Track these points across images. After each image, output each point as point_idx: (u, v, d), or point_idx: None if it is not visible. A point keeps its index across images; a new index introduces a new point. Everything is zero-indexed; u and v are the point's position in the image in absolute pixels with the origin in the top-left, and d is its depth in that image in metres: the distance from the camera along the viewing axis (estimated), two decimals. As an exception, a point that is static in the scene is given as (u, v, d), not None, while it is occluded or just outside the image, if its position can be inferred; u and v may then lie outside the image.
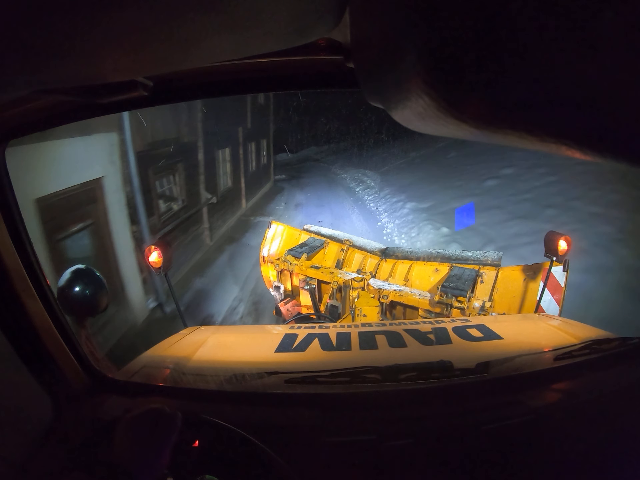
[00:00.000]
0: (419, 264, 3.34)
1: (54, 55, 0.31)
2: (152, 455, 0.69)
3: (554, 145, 0.19)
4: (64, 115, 0.87)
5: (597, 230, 4.98)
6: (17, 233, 0.95)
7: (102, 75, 0.44)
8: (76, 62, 0.34)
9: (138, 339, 4.46)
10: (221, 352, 1.51)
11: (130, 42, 0.32)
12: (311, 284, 3.39)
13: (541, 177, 7.45)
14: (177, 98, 0.96)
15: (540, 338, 1.48)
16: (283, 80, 0.90)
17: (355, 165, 17.62)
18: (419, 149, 14.97)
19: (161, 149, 5.88)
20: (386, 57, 0.27)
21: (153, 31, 0.31)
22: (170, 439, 0.72)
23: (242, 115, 11.26)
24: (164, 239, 5.52)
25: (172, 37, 0.33)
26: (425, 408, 1.00)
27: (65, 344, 1.04)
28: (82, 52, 0.32)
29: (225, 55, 0.48)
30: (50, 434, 0.97)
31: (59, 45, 0.30)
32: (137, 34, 0.30)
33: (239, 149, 10.91)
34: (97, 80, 0.47)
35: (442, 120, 0.23)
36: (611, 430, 0.93)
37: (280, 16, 0.34)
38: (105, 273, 3.83)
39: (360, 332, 1.51)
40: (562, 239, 2.14)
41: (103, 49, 0.32)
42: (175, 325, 4.04)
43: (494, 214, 6.72)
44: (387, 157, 16.59)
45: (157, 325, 5.03)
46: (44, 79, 0.40)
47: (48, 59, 0.32)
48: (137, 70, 0.52)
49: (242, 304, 5.28)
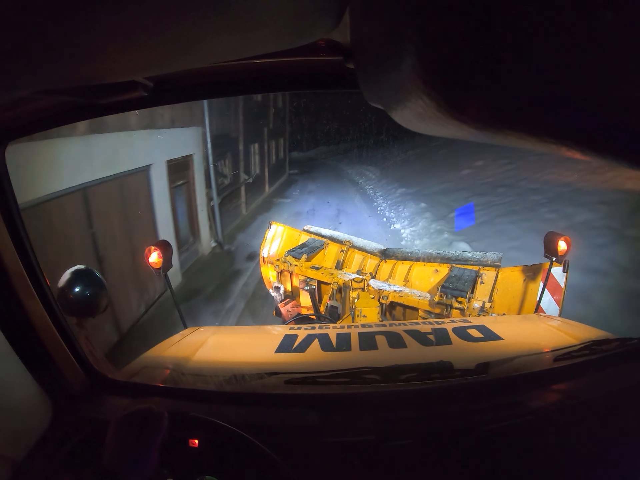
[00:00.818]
0: (418, 264, 3.34)
1: (55, 55, 0.31)
2: (139, 456, 0.69)
3: (554, 146, 0.19)
4: (64, 115, 0.87)
5: (531, 198, 7.31)
6: (17, 233, 0.95)
7: (102, 76, 0.44)
8: (76, 63, 0.34)
9: (204, 263, 7.34)
10: (221, 353, 1.51)
11: (130, 42, 0.32)
12: (311, 285, 3.39)
13: (502, 166, 9.78)
14: (177, 98, 0.96)
15: (540, 339, 1.48)
16: (283, 80, 0.91)
17: (360, 162, 20.24)
18: (415, 148, 17.14)
19: (220, 140, 8.49)
20: (386, 58, 0.27)
21: (153, 32, 0.31)
22: (157, 439, 0.72)
23: (266, 117, 14.30)
24: (221, 202, 8.47)
25: (172, 38, 0.33)
26: (425, 409, 0.99)
27: (65, 345, 1.04)
28: (82, 52, 0.32)
29: (225, 56, 0.48)
30: (50, 434, 0.96)
31: (59, 45, 0.30)
32: (138, 35, 0.30)
33: (264, 145, 14.06)
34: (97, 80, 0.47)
35: (442, 120, 0.23)
36: (611, 430, 0.93)
37: (281, 17, 0.34)
38: (189, 217, 7.28)
39: (360, 333, 1.51)
40: (561, 239, 2.13)
41: (103, 50, 0.32)
42: (228, 258, 7.17)
43: (461, 194, 9.14)
44: (387, 156, 18.54)
45: (216, 256, 7.75)
46: (44, 79, 0.40)
47: (48, 60, 0.32)
48: (137, 71, 0.52)
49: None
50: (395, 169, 15.24)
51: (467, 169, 10.84)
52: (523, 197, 7.56)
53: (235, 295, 5.83)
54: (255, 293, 5.76)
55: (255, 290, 5.81)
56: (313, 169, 20.78)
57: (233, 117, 9.88)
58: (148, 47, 0.34)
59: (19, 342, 0.96)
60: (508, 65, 0.17)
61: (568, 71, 0.15)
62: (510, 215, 7.05)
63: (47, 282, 1.02)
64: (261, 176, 13.31)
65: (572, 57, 0.15)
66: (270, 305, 4.23)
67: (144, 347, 1.46)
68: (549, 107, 0.17)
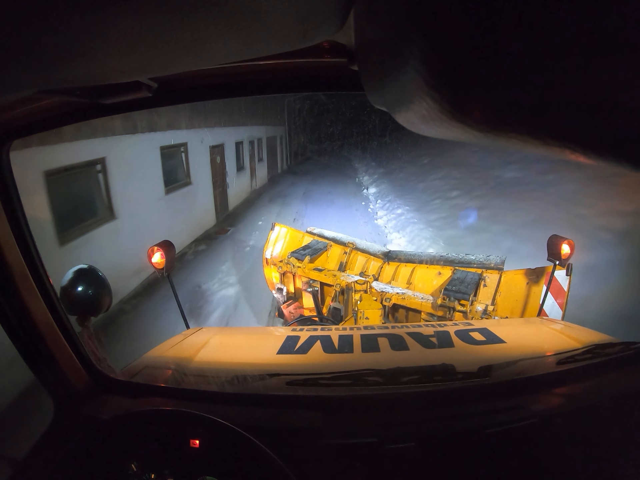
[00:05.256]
0: (421, 267, 3.33)
1: (59, 56, 0.31)
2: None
3: (558, 150, 0.19)
4: (68, 115, 0.88)
5: (497, 181, 8.23)
6: (20, 233, 0.95)
7: (107, 76, 0.45)
8: (81, 63, 0.35)
9: (245, 201, 12.39)
10: (223, 354, 1.51)
11: (134, 43, 0.32)
12: (314, 287, 3.40)
13: (475, 153, 10.45)
14: (181, 99, 0.97)
15: (543, 342, 1.47)
16: (287, 82, 0.91)
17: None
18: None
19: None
20: (390, 60, 0.27)
21: (157, 33, 0.31)
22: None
23: (283, 115, 20.88)
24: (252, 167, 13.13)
25: (176, 39, 0.33)
26: (427, 411, 0.99)
27: (68, 344, 1.05)
28: (86, 53, 0.32)
29: (229, 57, 0.48)
30: (52, 433, 0.97)
31: (63, 46, 0.30)
32: (142, 36, 0.31)
33: (285, 142, 21.79)
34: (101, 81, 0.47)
35: (446, 123, 0.23)
36: (615, 434, 0.92)
37: (285, 18, 0.34)
38: (251, 167, 14.37)
39: (363, 335, 1.51)
40: (565, 242, 2.12)
41: (107, 50, 0.33)
42: (262, 203, 12.35)
43: (436, 180, 10.67)
44: (386, 153, 20.56)
45: (254, 194, 13.47)
46: (48, 79, 0.40)
47: (53, 60, 0.32)
48: (141, 71, 0.52)
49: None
50: (391, 161, 17.13)
51: (452, 164, 11.45)
52: (488, 180, 8.46)
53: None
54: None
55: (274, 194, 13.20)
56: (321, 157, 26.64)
57: (265, 115, 16.35)
58: (152, 49, 0.34)
59: (22, 341, 0.96)
60: (512, 68, 0.17)
61: (572, 74, 0.15)
62: (473, 190, 8.37)
63: (50, 281, 1.02)
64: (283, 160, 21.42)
65: (576, 60, 0.15)
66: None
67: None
68: (553, 111, 0.17)
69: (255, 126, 14.31)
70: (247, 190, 13.14)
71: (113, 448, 0.87)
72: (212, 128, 9.44)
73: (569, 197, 5.99)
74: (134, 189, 6.03)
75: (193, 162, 8.43)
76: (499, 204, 7.23)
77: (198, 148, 8.68)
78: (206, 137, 9.04)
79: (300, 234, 4.05)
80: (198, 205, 8.68)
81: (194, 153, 8.41)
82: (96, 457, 0.86)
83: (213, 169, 9.70)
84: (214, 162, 9.82)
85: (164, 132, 7.06)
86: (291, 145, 23.91)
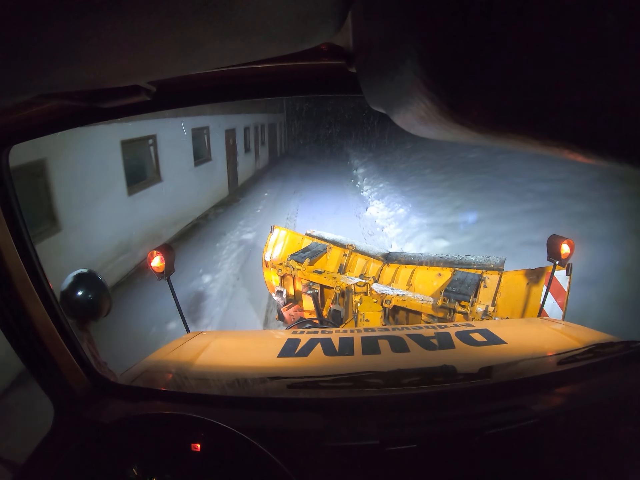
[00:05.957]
0: (421, 268, 3.33)
1: (58, 60, 0.31)
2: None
3: (556, 149, 0.19)
4: (67, 120, 0.88)
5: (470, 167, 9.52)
6: (19, 236, 0.95)
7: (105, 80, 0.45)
8: (79, 67, 0.35)
9: (251, 178, 14.30)
10: (223, 357, 1.51)
11: (133, 47, 0.32)
12: (314, 289, 3.39)
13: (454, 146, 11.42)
14: (180, 103, 0.97)
15: (543, 342, 1.47)
16: (285, 85, 0.91)
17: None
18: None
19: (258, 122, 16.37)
20: (388, 62, 0.27)
21: (156, 37, 0.31)
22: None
23: (282, 103, 23.01)
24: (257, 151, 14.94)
25: (175, 43, 0.33)
26: (429, 413, 0.99)
27: (67, 348, 1.04)
28: (85, 57, 0.32)
29: (227, 61, 0.48)
30: (51, 437, 0.96)
31: (62, 50, 0.30)
32: (140, 39, 0.31)
33: (283, 128, 23.94)
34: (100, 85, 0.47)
35: (444, 124, 0.23)
36: (617, 434, 0.92)
37: (283, 21, 0.34)
38: (256, 150, 16.91)
39: (363, 337, 1.51)
40: (564, 242, 2.12)
41: (106, 54, 0.33)
42: (266, 180, 14.75)
43: (415, 161, 12.01)
44: (384, 147, 21.59)
45: (258, 173, 15.51)
46: (47, 83, 0.40)
47: (51, 64, 0.32)
48: (140, 75, 0.53)
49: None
50: (386, 154, 18.32)
51: (442, 160, 12.63)
52: (463, 169, 9.50)
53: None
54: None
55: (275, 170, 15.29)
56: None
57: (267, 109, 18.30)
58: (151, 52, 0.34)
59: (22, 345, 0.96)
60: (510, 69, 0.17)
61: (571, 74, 0.15)
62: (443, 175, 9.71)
63: (50, 285, 1.02)
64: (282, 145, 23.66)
65: (574, 61, 0.15)
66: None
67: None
68: (552, 111, 0.17)
69: (259, 113, 16.60)
70: (252, 169, 15.46)
71: (114, 452, 0.86)
72: (227, 115, 11.44)
73: (511, 171, 8.07)
74: (173, 160, 7.97)
75: (213, 142, 10.47)
76: (459, 178, 9.22)
77: (216, 131, 10.67)
78: (222, 123, 11.06)
79: (300, 237, 4.04)
80: (216, 178, 10.75)
81: (214, 135, 10.48)
82: (97, 462, 0.85)
83: (227, 149, 11.68)
84: (228, 144, 11.81)
85: (194, 117, 8.92)
86: (289, 131, 26.62)
